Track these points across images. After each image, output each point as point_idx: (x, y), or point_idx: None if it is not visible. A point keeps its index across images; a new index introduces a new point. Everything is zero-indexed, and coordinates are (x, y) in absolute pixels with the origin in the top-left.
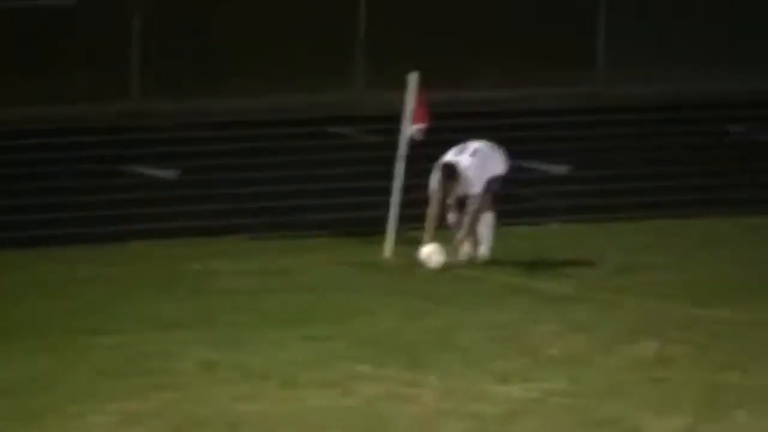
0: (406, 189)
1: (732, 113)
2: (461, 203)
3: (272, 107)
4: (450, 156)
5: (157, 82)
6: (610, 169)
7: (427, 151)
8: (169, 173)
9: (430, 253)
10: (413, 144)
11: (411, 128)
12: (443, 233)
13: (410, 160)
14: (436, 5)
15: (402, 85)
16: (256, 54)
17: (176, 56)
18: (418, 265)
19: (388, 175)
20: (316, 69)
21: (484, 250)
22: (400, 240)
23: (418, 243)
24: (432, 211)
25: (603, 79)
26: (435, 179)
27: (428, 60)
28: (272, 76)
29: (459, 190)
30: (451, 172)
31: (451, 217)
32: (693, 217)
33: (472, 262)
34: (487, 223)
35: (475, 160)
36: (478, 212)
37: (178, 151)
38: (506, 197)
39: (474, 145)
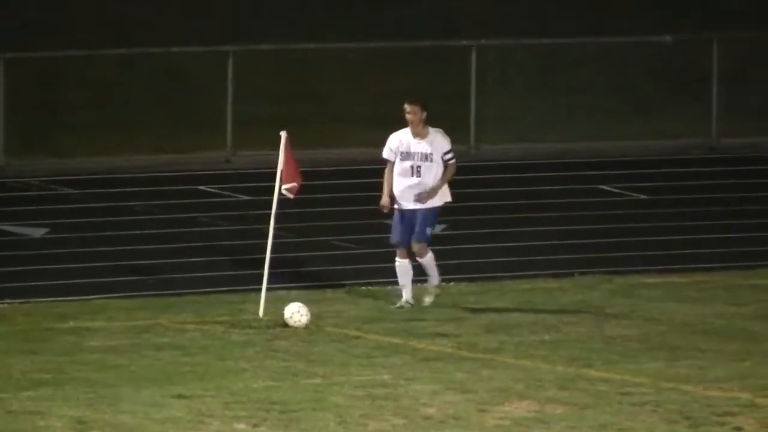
0: (279, 248)
1: (606, 171)
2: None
3: (143, 165)
4: None
5: (24, 139)
6: (483, 228)
7: (299, 209)
8: (35, 231)
9: (293, 312)
10: (285, 202)
11: (282, 187)
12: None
13: (282, 218)
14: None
15: (269, 147)
16: (127, 115)
17: (43, 114)
18: (287, 324)
19: (260, 234)
20: (188, 129)
21: (435, 281)
22: (272, 299)
23: (289, 302)
24: (387, 173)
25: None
26: (386, 149)
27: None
28: (143, 136)
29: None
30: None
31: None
32: (566, 277)
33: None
34: (429, 262)
35: None
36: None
37: (46, 209)
38: (382, 256)
39: None
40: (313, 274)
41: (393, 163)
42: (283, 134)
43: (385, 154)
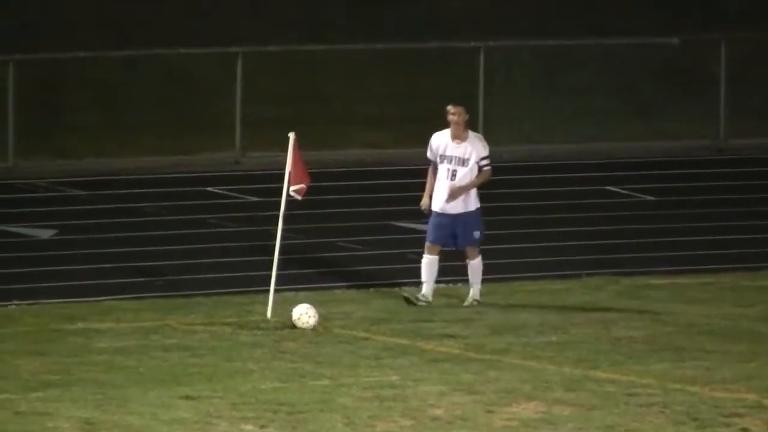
0: (287, 249)
1: (613, 172)
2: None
3: (151, 167)
4: None
5: (32, 141)
6: (490, 230)
7: (307, 211)
8: (43, 233)
9: (301, 313)
10: (293, 204)
11: (290, 188)
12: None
13: (290, 219)
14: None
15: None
16: (135, 116)
17: (51, 116)
18: (295, 325)
19: (269, 235)
20: (197, 130)
21: (475, 293)
22: (280, 300)
23: (297, 303)
24: (430, 174)
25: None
26: (428, 149)
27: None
28: (152, 137)
29: (462, 120)
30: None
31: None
32: (573, 278)
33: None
34: (476, 268)
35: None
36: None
37: (54, 210)
38: (389, 258)
39: None
40: (321, 275)
41: (435, 163)
42: (292, 135)
43: (428, 154)
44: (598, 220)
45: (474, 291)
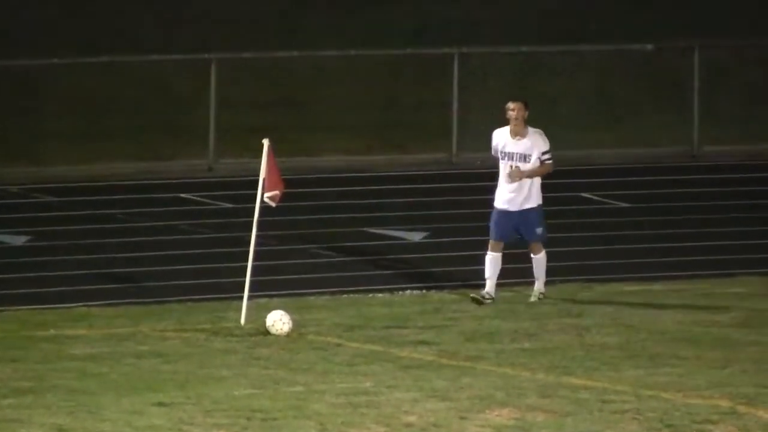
0: (261, 256)
1: (586, 179)
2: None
3: (124, 173)
4: None
5: (5, 147)
6: (464, 237)
7: (281, 217)
8: (16, 239)
9: (274, 320)
10: (267, 210)
11: (265, 195)
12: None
13: (264, 226)
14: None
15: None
16: (108, 123)
17: (24, 123)
18: (269, 332)
19: (242, 242)
20: (170, 137)
21: (540, 286)
22: (253, 307)
23: (271, 310)
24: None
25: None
26: (492, 147)
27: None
28: (125, 143)
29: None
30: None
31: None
32: (547, 284)
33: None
34: (540, 262)
35: None
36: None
37: (27, 217)
38: (363, 264)
39: None
40: (295, 282)
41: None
42: (266, 142)
43: (492, 151)
44: (572, 226)
45: (539, 284)
